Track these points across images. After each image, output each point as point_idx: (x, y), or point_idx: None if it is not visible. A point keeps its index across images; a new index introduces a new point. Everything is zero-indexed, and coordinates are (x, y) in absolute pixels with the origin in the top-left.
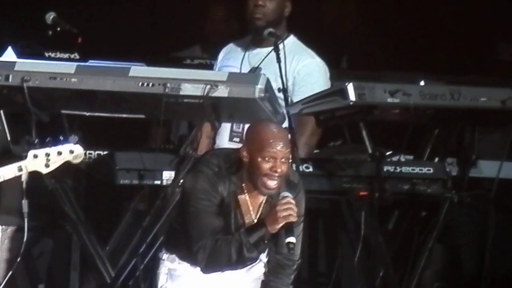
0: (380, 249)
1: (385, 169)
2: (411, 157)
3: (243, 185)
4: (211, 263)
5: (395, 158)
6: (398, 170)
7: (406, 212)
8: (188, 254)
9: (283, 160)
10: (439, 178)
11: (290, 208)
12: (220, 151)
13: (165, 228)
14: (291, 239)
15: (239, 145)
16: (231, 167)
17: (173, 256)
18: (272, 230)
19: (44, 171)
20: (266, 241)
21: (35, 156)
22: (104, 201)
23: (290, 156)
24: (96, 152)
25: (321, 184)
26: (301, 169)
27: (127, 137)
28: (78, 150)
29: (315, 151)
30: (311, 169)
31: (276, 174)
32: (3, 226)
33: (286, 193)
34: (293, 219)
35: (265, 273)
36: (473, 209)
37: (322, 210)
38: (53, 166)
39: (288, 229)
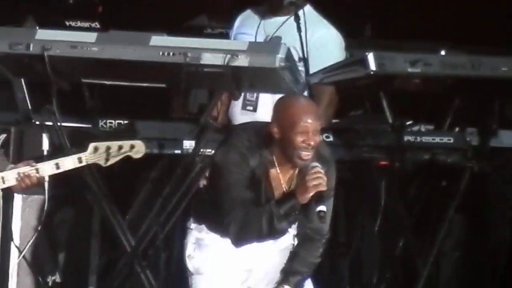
0: (400, 218)
1: (405, 139)
2: (431, 127)
3: (274, 159)
4: (243, 235)
5: (415, 128)
6: (419, 139)
7: (426, 182)
8: (217, 225)
9: (315, 132)
10: (459, 147)
11: (320, 178)
12: (250, 125)
13: (194, 199)
14: (322, 208)
15: (252, 114)
16: (261, 142)
17: (202, 226)
18: (303, 200)
19: (104, 164)
20: (296, 212)
21: (96, 149)
22: (124, 171)
23: (320, 124)
24: (117, 122)
25: (341, 154)
26: (321, 139)
27: (147, 106)
28: (140, 146)
29: (335, 120)
30: (331, 139)
31: (310, 147)
32: (24, 195)
33: (316, 163)
34: (323, 188)
35: (294, 245)
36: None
37: (343, 180)
38: (112, 160)
39: (319, 198)
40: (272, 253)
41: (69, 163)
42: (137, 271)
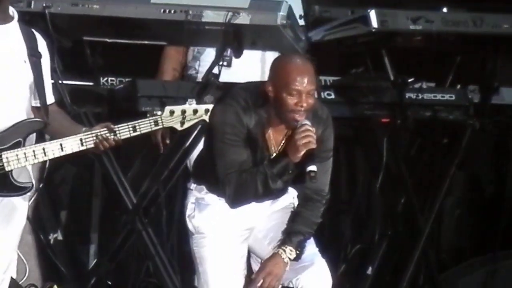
0: (402, 175)
1: (407, 96)
2: (433, 84)
3: (269, 118)
4: (238, 196)
5: (417, 85)
6: (420, 97)
7: (428, 139)
8: (215, 186)
9: (308, 94)
10: (461, 104)
11: (309, 136)
12: (248, 84)
13: (194, 159)
14: (312, 168)
15: (226, 69)
16: (258, 101)
17: (201, 186)
18: (295, 160)
19: (179, 128)
20: (290, 172)
21: (172, 113)
22: None
23: (314, 89)
24: (118, 79)
25: (343, 111)
26: (323, 96)
27: (149, 64)
28: None
29: (337, 78)
30: (333, 96)
31: (302, 109)
32: None
33: (305, 121)
34: (313, 146)
35: (295, 205)
36: (494, 136)
37: (344, 137)
38: (187, 124)
39: (309, 157)
40: (272, 212)
41: (145, 126)
42: (139, 228)
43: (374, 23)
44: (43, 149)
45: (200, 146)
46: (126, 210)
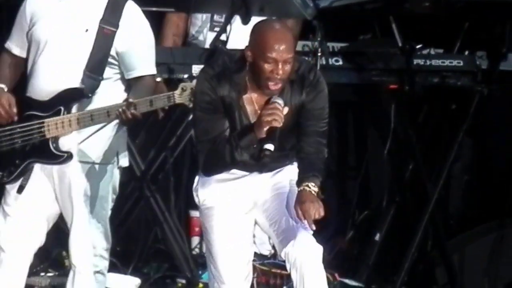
0: (410, 142)
1: (415, 62)
2: (441, 50)
3: (248, 84)
4: (207, 163)
5: (425, 51)
6: (428, 63)
7: (436, 105)
8: None
9: (285, 62)
10: (469, 70)
11: (275, 114)
12: (233, 51)
13: None
14: (268, 146)
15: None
16: (236, 66)
17: None
18: (259, 135)
19: (189, 105)
20: (255, 146)
21: (184, 89)
22: None
23: (292, 57)
24: None
25: (351, 77)
26: (330, 62)
27: (157, 31)
28: None
29: (345, 44)
30: (341, 62)
31: (278, 77)
32: None
33: (276, 99)
34: (277, 124)
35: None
36: (503, 102)
37: (352, 103)
38: None
39: (270, 134)
40: (273, 184)
41: (160, 101)
42: (147, 195)
43: None
44: (77, 118)
45: None
46: (134, 176)
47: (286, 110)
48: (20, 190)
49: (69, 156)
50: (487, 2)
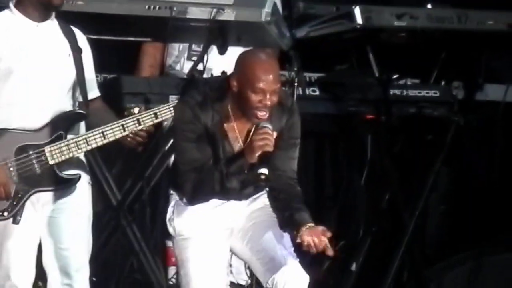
0: (386, 172)
1: (391, 93)
2: (417, 81)
3: (230, 112)
4: (195, 193)
5: (401, 82)
6: (405, 93)
7: (412, 135)
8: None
9: (272, 92)
10: (445, 101)
11: (266, 138)
12: (211, 78)
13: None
14: (263, 170)
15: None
16: (218, 94)
17: (179, 188)
18: (251, 160)
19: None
20: (246, 171)
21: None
22: None
23: (279, 87)
24: (102, 76)
25: (328, 107)
26: (307, 92)
27: (134, 60)
28: None
29: (322, 74)
30: (317, 92)
31: (266, 107)
32: None
33: (265, 124)
34: (269, 148)
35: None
36: (479, 132)
37: (329, 134)
38: None
39: (263, 159)
40: (251, 212)
41: (166, 112)
42: (123, 224)
43: (359, 19)
44: (85, 139)
45: None
46: (110, 206)
47: (275, 135)
48: (14, 220)
49: (79, 177)
50: (463, 32)
